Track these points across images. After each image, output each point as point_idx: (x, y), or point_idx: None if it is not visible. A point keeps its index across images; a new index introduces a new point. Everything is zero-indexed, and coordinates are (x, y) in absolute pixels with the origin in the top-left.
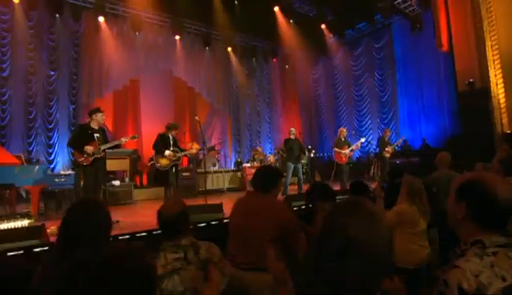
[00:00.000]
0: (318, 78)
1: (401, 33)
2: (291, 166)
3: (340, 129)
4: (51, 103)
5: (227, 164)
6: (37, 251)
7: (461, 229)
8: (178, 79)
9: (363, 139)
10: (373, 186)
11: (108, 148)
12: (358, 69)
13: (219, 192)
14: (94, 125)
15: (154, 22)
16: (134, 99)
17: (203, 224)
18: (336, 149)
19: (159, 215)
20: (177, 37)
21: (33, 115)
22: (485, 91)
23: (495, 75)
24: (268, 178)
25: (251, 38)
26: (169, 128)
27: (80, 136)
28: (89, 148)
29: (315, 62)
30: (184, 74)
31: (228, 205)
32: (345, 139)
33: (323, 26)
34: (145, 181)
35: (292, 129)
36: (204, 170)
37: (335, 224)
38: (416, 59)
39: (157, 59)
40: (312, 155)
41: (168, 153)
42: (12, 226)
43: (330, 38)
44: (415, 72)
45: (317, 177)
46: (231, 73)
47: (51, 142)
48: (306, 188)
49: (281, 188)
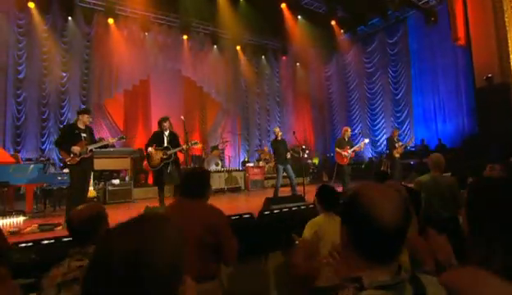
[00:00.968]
0: (331, 76)
1: (416, 27)
2: (280, 168)
3: (343, 129)
4: (63, 103)
5: (235, 163)
6: None
7: (347, 261)
8: (187, 79)
9: (367, 140)
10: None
11: (97, 148)
12: (371, 66)
13: (220, 192)
14: (81, 125)
15: (163, 23)
16: (144, 99)
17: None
18: (338, 149)
19: (68, 220)
20: (185, 37)
21: (46, 115)
22: (505, 86)
23: None
24: (196, 182)
25: (260, 36)
26: (159, 123)
27: (67, 136)
28: (76, 148)
29: (327, 60)
30: (192, 73)
31: (225, 205)
32: (349, 139)
33: (333, 23)
34: (151, 180)
35: (277, 130)
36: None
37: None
38: (431, 54)
39: (166, 59)
40: (306, 155)
41: (150, 150)
42: (8, 223)
43: (341, 34)
44: (431, 68)
45: (324, 177)
46: (240, 72)
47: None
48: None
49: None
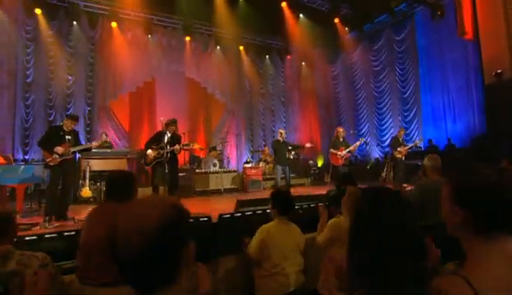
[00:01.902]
0: (337, 75)
1: (424, 23)
2: (280, 169)
3: (336, 129)
4: (68, 106)
5: (239, 164)
6: None
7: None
8: (191, 80)
9: (362, 140)
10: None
11: (82, 151)
12: (378, 64)
13: (217, 192)
14: (67, 128)
15: (166, 25)
16: (149, 100)
17: None
18: (332, 150)
19: None
20: (187, 38)
21: (52, 116)
22: None
23: None
24: (120, 185)
25: (263, 35)
26: (167, 124)
27: (51, 137)
28: (59, 149)
29: (333, 59)
30: (196, 74)
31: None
32: (344, 140)
33: (337, 20)
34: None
35: (282, 131)
36: (200, 171)
37: None
38: (440, 50)
39: (169, 61)
40: (292, 155)
41: (149, 152)
42: None
43: (346, 32)
44: (439, 65)
45: (326, 178)
46: (244, 72)
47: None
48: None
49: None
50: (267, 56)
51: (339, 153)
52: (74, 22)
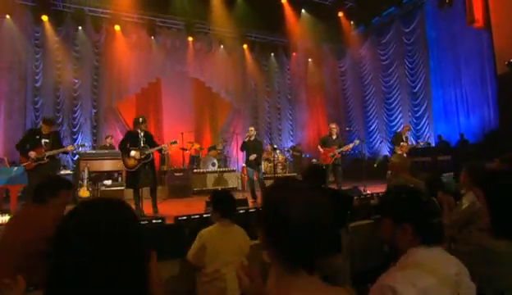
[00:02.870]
0: (345, 70)
1: (434, 13)
2: (250, 171)
3: (329, 126)
4: (75, 108)
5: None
6: None
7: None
8: (196, 80)
9: (358, 142)
10: None
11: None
12: (386, 58)
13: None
14: (45, 131)
15: (169, 26)
16: (155, 100)
17: None
18: (321, 149)
19: None
20: (190, 38)
21: (60, 119)
22: None
23: None
24: (42, 186)
25: (267, 33)
26: (135, 123)
27: (27, 140)
28: (32, 153)
29: (341, 54)
30: (200, 74)
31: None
32: (338, 137)
33: (341, 14)
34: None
35: (251, 129)
36: (198, 170)
37: None
38: (452, 41)
39: (174, 61)
40: (278, 153)
41: (134, 153)
42: None
43: (351, 26)
44: (451, 56)
45: (330, 178)
46: (248, 70)
47: (75, 144)
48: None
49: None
50: (272, 53)
51: (329, 153)
52: (79, 27)
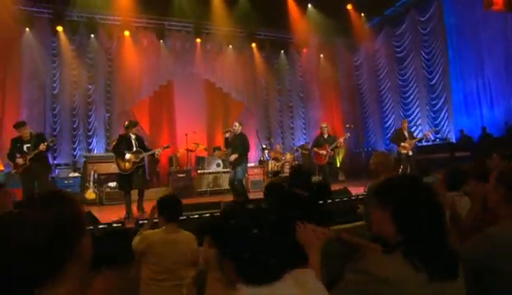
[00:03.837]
0: (360, 65)
1: None
2: (231, 172)
3: (320, 126)
4: (90, 113)
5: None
6: None
7: None
8: (207, 81)
9: (348, 135)
10: None
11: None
12: (401, 49)
13: (218, 192)
14: (25, 137)
15: (178, 29)
16: (168, 103)
17: None
18: (315, 149)
19: None
20: (198, 40)
21: (76, 124)
22: None
23: None
24: None
25: (276, 31)
26: (127, 126)
27: (13, 149)
28: (19, 161)
29: (354, 48)
30: (211, 75)
31: None
32: (330, 136)
33: (350, 7)
34: (165, 180)
35: (236, 124)
36: (201, 171)
37: None
38: (473, 27)
39: (184, 63)
40: (266, 154)
41: (129, 156)
42: None
43: (362, 19)
44: (472, 44)
45: (340, 176)
46: (258, 69)
47: (90, 147)
48: None
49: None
50: (282, 51)
51: (322, 151)
52: (91, 35)
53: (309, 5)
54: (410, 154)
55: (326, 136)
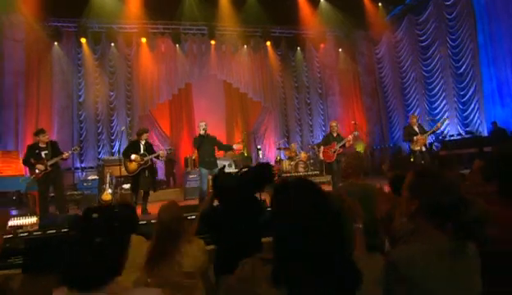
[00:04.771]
0: (381, 57)
1: None
2: (204, 173)
3: (330, 124)
4: (112, 118)
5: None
6: None
7: None
8: (224, 82)
9: (356, 133)
10: None
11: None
12: (426, 38)
13: None
14: (42, 144)
15: (194, 32)
16: (187, 105)
17: None
18: (323, 147)
19: None
20: (212, 42)
21: (100, 129)
22: None
23: None
24: None
25: (291, 27)
26: (139, 134)
27: (30, 156)
28: (40, 167)
29: (375, 40)
30: (228, 76)
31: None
32: (338, 135)
33: None
34: (181, 182)
35: (202, 124)
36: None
37: None
38: (507, 7)
39: (200, 66)
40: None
41: (135, 157)
42: (23, 222)
43: (380, 8)
44: (506, 27)
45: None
46: (274, 67)
47: (113, 150)
48: None
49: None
50: (298, 47)
51: (331, 149)
52: (112, 44)
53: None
54: (424, 150)
55: (335, 135)
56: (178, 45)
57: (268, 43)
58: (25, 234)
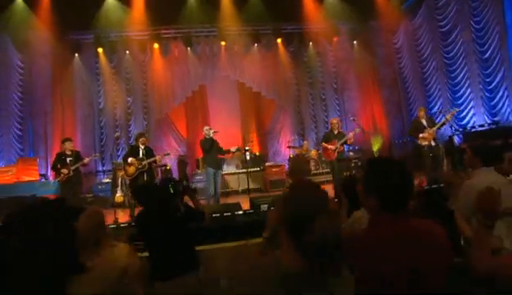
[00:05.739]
0: (400, 47)
1: None
2: (211, 172)
3: (330, 121)
4: (129, 123)
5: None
6: None
7: None
8: (237, 82)
9: (358, 130)
10: None
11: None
12: (446, 22)
13: (234, 193)
14: (68, 151)
15: (206, 35)
16: (202, 107)
17: None
18: (323, 144)
19: None
20: (223, 43)
21: (119, 133)
22: None
23: None
24: None
25: (302, 23)
26: (136, 138)
27: (58, 162)
28: (64, 171)
29: (393, 29)
30: (240, 76)
31: None
32: (340, 132)
33: None
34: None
35: (206, 127)
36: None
37: None
38: None
39: (213, 67)
40: (247, 155)
41: (131, 160)
42: None
43: None
44: None
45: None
46: (286, 65)
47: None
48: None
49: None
50: (311, 43)
51: (330, 147)
52: (127, 51)
53: None
54: (433, 144)
55: (336, 132)
56: (190, 48)
57: (279, 41)
58: None
